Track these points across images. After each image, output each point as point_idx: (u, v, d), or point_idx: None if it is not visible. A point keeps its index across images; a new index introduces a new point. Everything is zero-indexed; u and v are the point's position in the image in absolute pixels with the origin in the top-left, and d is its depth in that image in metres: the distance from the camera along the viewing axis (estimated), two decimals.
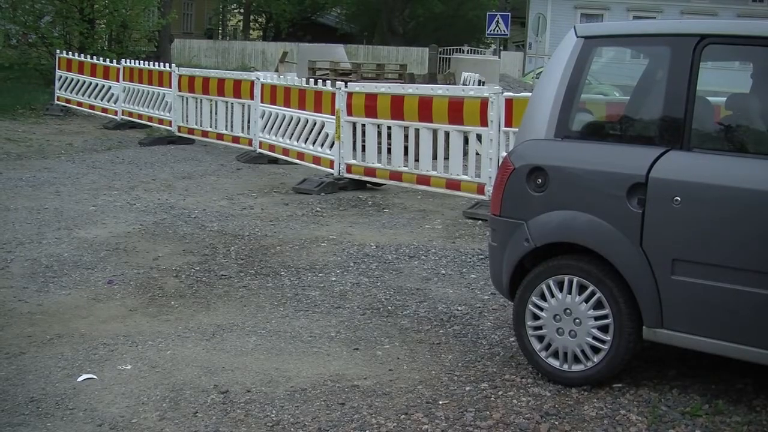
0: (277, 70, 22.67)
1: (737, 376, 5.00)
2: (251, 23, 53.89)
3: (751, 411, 4.62)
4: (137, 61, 17.22)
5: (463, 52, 37.16)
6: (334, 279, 7.20)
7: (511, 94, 9.95)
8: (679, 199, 4.47)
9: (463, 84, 19.90)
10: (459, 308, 6.43)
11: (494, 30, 31.82)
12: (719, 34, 4.75)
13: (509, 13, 33.63)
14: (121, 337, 5.74)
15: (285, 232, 8.94)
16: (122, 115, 17.38)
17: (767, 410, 4.63)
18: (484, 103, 9.65)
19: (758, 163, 4.54)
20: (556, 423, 4.44)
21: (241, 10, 53.06)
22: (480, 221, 9.36)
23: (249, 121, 13.88)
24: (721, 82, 5.99)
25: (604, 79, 10.05)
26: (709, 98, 5.25)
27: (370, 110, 11.05)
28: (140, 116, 16.77)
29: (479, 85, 18.46)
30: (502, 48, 38.37)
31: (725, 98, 5.52)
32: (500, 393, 4.83)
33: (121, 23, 23.76)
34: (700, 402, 4.70)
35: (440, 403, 4.71)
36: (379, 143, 11.12)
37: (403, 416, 4.54)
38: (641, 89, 5.34)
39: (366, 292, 6.84)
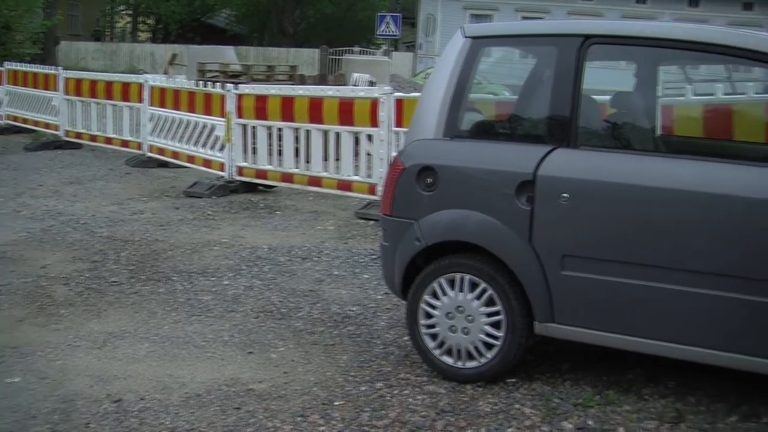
0: (166, 73, 22.32)
1: (627, 367, 5.12)
2: (140, 25, 53.01)
3: (640, 399, 4.74)
4: (21, 64, 16.78)
5: (354, 52, 37.20)
6: (226, 283, 7.13)
7: (401, 94, 10.00)
8: (566, 196, 4.55)
9: (354, 85, 19.92)
10: (353, 309, 6.43)
11: (384, 30, 31.95)
12: (603, 35, 4.84)
13: (399, 14, 33.82)
14: (8, 348, 5.57)
15: (176, 236, 8.81)
16: (6, 119, 16.91)
17: (655, 398, 4.76)
18: (374, 104, 9.68)
19: (642, 160, 4.66)
20: (452, 420, 4.48)
21: (130, 12, 52.14)
22: (372, 221, 9.39)
23: (138, 125, 13.66)
24: (608, 80, 6.12)
25: (494, 78, 10.16)
26: (595, 97, 5.37)
27: (261, 112, 10.99)
28: (25, 120, 16.36)
29: (370, 85, 18.49)
30: (392, 49, 38.54)
31: (611, 96, 5.66)
32: (396, 392, 4.84)
33: (4, 24, 23.13)
34: (592, 393, 4.80)
35: (336, 404, 4.70)
36: (270, 145, 11.06)
37: (299, 418, 4.52)
38: (529, 88, 5.41)
39: (259, 295, 6.79)
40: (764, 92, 8.47)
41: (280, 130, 10.88)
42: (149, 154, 13.47)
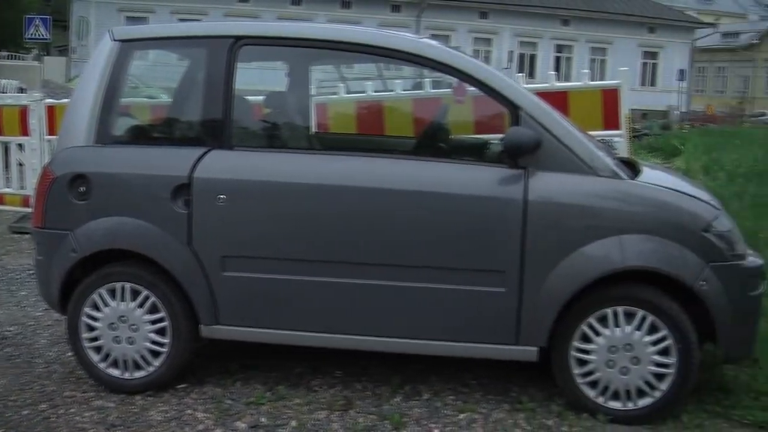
0: None
1: (296, 361, 5.24)
2: None
3: (309, 392, 4.87)
4: None
5: (2, 57, 35.29)
6: None
7: (52, 100, 9.65)
8: (223, 197, 4.56)
9: (1, 92, 18.97)
10: (10, 329, 6.07)
11: (33, 34, 30.42)
12: (253, 36, 4.89)
13: (49, 17, 32.34)
14: None
15: None
16: None
17: (324, 388, 4.91)
18: (23, 112, 9.30)
19: (297, 158, 4.77)
20: None
21: None
22: (27, 235, 8.95)
23: None
24: (265, 81, 6.19)
25: (151, 81, 10.04)
26: (249, 97, 5.41)
27: None
28: None
29: (19, 92, 17.66)
30: (44, 53, 36.87)
31: (264, 97, 5.73)
32: (61, 411, 4.62)
33: None
34: (263, 390, 4.86)
35: None
36: None
37: None
38: (183, 91, 5.37)
39: None
40: (412, 89, 8.92)
41: None
42: None
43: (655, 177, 4.82)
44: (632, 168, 4.77)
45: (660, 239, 4.37)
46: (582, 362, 4.51)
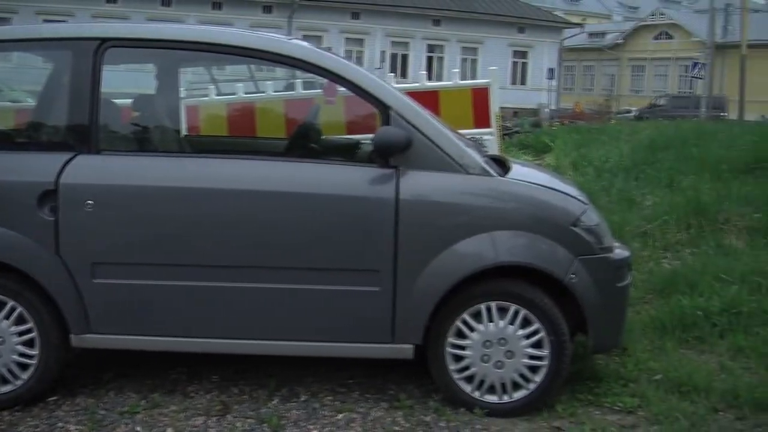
0: None
1: (171, 368, 5.17)
2: None
3: (186, 398, 4.80)
4: None
5: None
6: None
7: None
8: (91, 202, 4.45)
9: None
10: None
11: None
12: (119, 38, 4.79)
13: None
14: None
15: None
16: None
17: (201, 394, 4.86)
18: None
19: (167, 161, 4.70)
20: None
21: None
22: None
23: None
24: (136, 83, 6.08)
25: (16, 84, 9.77)
26: (118, 100, 5.29)
27: None
28: None
29: None
30: None
31: (133, 99, 5.63)
32: None
33: None
34: (137, 399, 4.77)
35: None
36: None
37: None
38: (48, 94, 5.22)
39: None
40: (283, 90, 8.90)
41: None
42: None
43: (524, 174, 4.93)
44: (502, 165, 4.85)
45: (531, 235, 4.46)
46: (457, 358, 4.57)
